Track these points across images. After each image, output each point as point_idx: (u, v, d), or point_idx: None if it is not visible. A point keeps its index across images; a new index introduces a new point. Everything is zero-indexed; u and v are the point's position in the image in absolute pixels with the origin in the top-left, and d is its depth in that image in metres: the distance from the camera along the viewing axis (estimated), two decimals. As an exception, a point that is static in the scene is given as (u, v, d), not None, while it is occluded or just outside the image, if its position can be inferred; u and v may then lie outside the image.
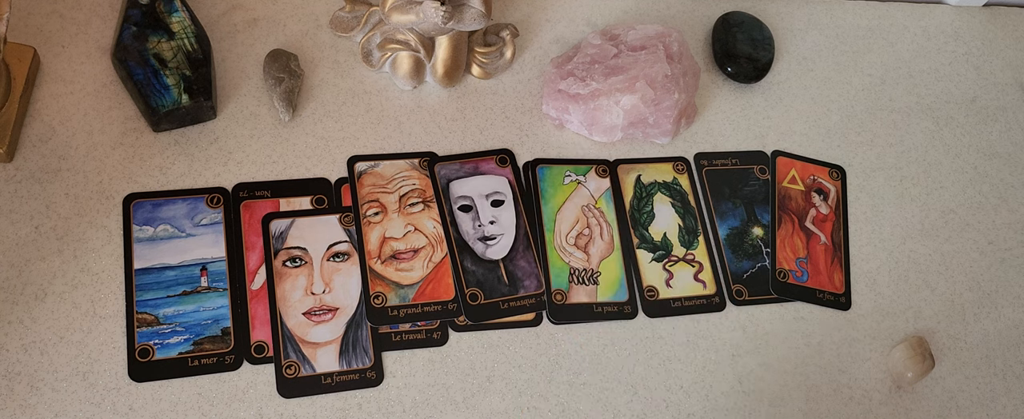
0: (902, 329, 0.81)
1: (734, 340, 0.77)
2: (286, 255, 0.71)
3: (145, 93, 0.71)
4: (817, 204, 0.85)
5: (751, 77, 0.89)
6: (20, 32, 0.74)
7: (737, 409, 0.74)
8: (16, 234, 0.68)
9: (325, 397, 0.67)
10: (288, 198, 0.73)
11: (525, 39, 0.87)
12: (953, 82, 0.97)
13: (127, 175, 0.71)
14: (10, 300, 0.66)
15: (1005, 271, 0.87)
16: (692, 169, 0.84)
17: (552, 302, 0.74)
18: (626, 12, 0.91)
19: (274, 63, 0.77)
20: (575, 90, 0.80)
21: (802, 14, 0.96)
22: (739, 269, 0.80)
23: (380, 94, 0.80)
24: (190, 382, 0.66)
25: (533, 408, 0.71)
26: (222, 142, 0.75)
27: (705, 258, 0.80)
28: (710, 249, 0.80)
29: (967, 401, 0.80)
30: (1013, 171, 0.93)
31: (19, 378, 0.63)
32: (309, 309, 0.70)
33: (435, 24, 0.75)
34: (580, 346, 0.74)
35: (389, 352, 0.70)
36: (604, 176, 0.81)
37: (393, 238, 0.74)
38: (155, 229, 0.70)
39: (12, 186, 0.69)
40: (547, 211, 0.78)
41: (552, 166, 0.81)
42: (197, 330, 0.67)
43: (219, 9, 0.80)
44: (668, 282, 0.78)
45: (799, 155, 0.87)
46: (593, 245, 0.78)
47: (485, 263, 0.74)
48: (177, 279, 0.68)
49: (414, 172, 0.77)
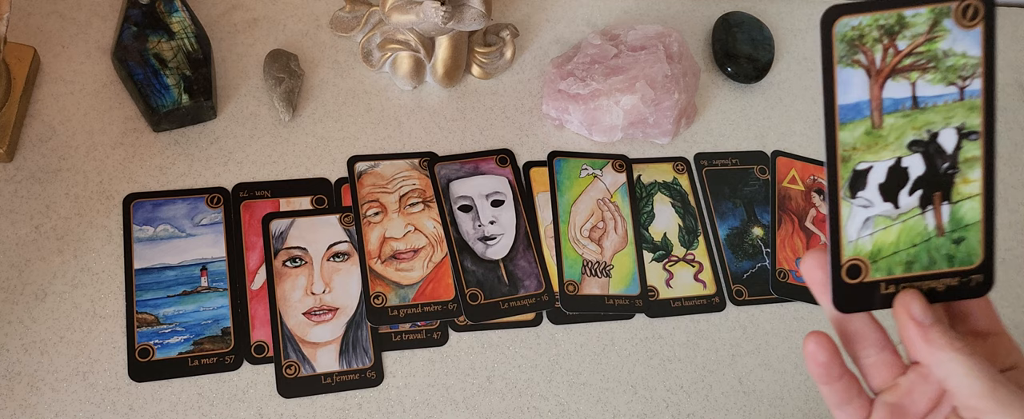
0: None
1: (734, 340, 0.77)
2: (286, 255, 0.71)
3: (145, 93, 0.71)
4: (817, 204, 0.85)
5: (751, 77, 0.89)
6: (20, 32, 0.74)
7: (737, 409, 0.74)
8: (16, 234, 0.68)
9: (325, 397, 0.67)
10: (288, 198, 0.73)
11: (525, 39, 0.87)
12: (953, 82, 0.97)
13: (127, 175, 0.71)
14: (10, 300, 0.66)
15: (1005, 271, 0.87)
16: (692, 169, 0.84)
17: (564, 292, 0.74)
18: (626, 12, 0.91)
19: (274, 63, 0.77)
20: (575, 90, 0.80)
21: (802, 14, 0.96)
22: (739, 269, 0.80)
23: (380, 94, 0.80)
24: (190, 382, 0.66)
25: (533, 408, 0.71)
26: (222, 142, 0.75)
27: (705, 258, 0.80)
28: (710, 249, 0.80)
29: (967, 401, 0.80)
30: (1013, 171, 0.93)
31: (19, 378, 0.63)
32: (309, 309, 0.70)
33: (435, 24, 0.75)
34: (580, 346, 0.74)
35: (389, 352, 0.70)
36: (620, 171, 0.81)
37: (393, 238, 0.74)
38: (155, 229, 0.70)
39: (12, 186, 0.69)
40: (563, 203, 0.78)
41: (569, 159, 0.81)
42: (197, 330, 0.67)
43: (219, 9, 0.80)
44: (668, 282, 0.78)
45: (799, 155, 0.87)
46: (607, 238, 0.78)
47: (485, 263, 0.74)
48: (177, 279, 0.68)
49: (414, 172, 0.77)
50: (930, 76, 0.41)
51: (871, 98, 0.41)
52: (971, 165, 0.42)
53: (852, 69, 0.40)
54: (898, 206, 0.42)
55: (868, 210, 0.42)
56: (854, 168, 0.41)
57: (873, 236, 0.42)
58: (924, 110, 0.41)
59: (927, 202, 0.42)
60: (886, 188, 0.42)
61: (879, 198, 0.42)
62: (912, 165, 0.42)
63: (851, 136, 0.41)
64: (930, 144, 0.41)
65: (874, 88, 0.41)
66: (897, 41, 0.40)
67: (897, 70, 0.41)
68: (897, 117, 0.41)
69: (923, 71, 0.41)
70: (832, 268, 0.42)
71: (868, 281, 0.42)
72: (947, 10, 0.40)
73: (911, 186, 0.42)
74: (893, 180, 0.42)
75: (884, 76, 0.41)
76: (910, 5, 0.40)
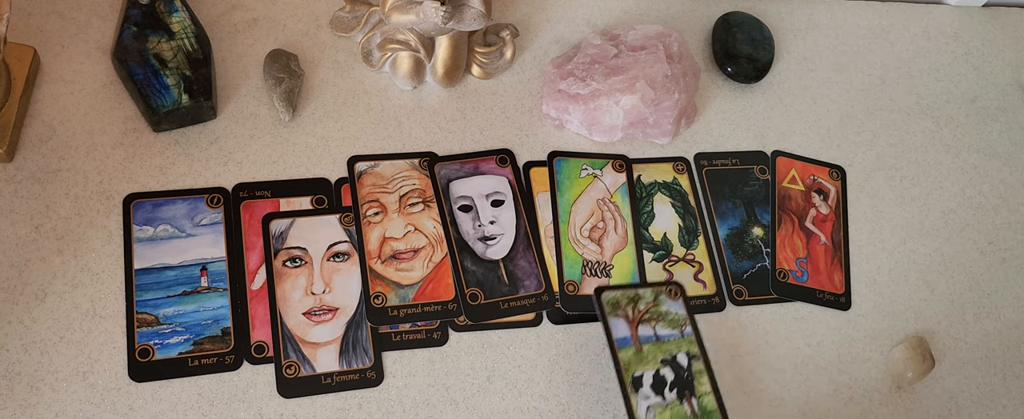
0: (902, 329, 0.81)
1: (734, 340, 0.77)
2: (286, 255, 0.71)
3: (145, 93, 0.71)
4: (817, 204, 0.85)
5: (751, 77, 0.89)
6: (20, 32, 0.74)
7: (737, 409, 0.74)
8: (16, 234, 0.68)
9: (325, 397, 0.67)
10: (288, 198, 0.73)
11: (525, 39, 0.87)
12: (953, 82, 0.97)
13: (127, 175, 0.71)
14: (10, 300, 0.66)
15: (1005, 271, 0.87)
16: (692, 169, 0.84)
17: (564, 292, 0.74)
18: (626, 12, 0.91)
19: (274, 63, 0.77)
20: (575, 90, 0.80)
21: (802, 14, 0.96)
22: (739, 269, 0.80)
23: (380, 94, 0.80)
24: (190, 382, 0.66)
25: (533, 408, 0.71)
26: (222, 142, 0.75)
27: (705, 258, 0.80)
28: (710, 249, 0.80)
29: (967, 401, 0.80)
30: (1013, 171, 0.93)
31: (19, 378, 0.63)
32: (309, 309, 0.70)
33: (435, 24, 0.75)
34: (580, 346, 0.74)
35: (389, 352, 0.70)
36: (620, 171, 0.81)
37: (393, 238, 0.74)
38: (155, 229, 0.70)
39: (12, 186, 0.69)
40: (563, 203, 0.78)
41: (569, 159, 0.81)
42: (197, 330, 0.67)
43: (219, 9, 0.80)
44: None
45: (799, 155, 0.87)
46: (607, 238, 0.78)
47: (485, 263, 0.74)
48: (177, 279, 0.68)
49: (414, 172, 0.77)
50: (662, 324, 0.71)
51: (632, 335, 0.69)
52: (701, 374, 0.69)
53: (617, 318, 0.70)
54: (665, 399, 0.67)
55: (648, 401, 0.67)
56: (632, 374, 0.68)
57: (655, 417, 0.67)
58: (665, 342, 0.70)
59: (681, 396, 0.68)
60: (655, 387, 0.68)
61: (652, 393, 0.67)
62: (667, 374, 0.68)
63: (626, 356, 0.68)
64: (673, 362, 0.69)
65: (632, 329, 0.70)
66: (638, 305, 0.71)
67: (643, 320, 0.70)
68: (649, 346, 0.69)
69: (657, 321, 0.71)
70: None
71: None
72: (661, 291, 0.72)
73: (669, 386, 0.68)
74: (657, 382, 0.68)
75: (635, 323, 0.70)
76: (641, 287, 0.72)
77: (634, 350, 0.68)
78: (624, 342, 0.68)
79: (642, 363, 0.68)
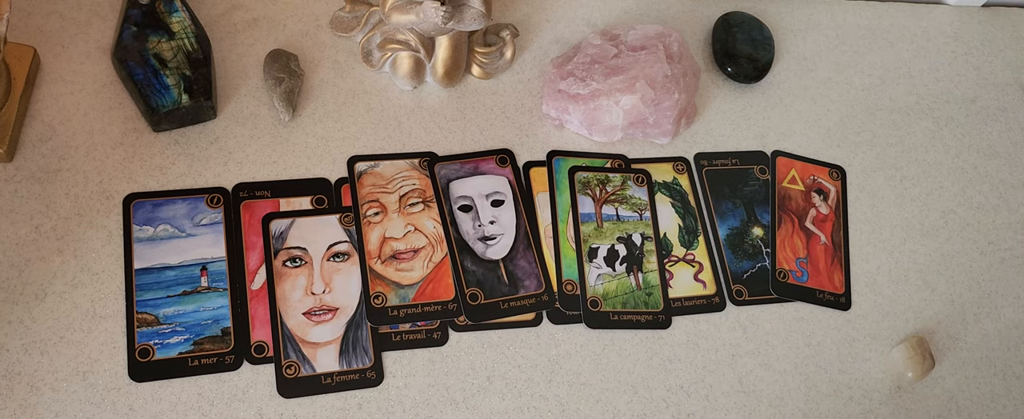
0: (902, 329, 0.81)
1: (734, 340, 0.77)
2: (286, 255, 0.71)
3: (145, 93, 0.71)
4: (817, 204, 0.85)
5: (751, 77, 0.89)
6: (20, 32, 0.74)
7: (737, 409, 0.74)
8: (16, 234, 0.68)
9: (325, 397, 0.67)
10: (288, 198, 0.74)
11: (525, 39, 0.87)
12: (953, 82, 0.97)
13: (127, 175, 0.71)
14: (10, 300, 0.66)
15: (1005, 271, 0.87)
16: (692, 169, 0.84)
17: (563, 292, 0.74)
18: (626, 12, 0.91)
19: (274, 63, 0.77)
20: (575, 90, 0.80)
21: (802, 14, 0.96)
22: (739, 269, 0.80)
23: (380, 94, 0.80)
24: (190, 382, 0.66)
25: (533, 408, 0.71)
26: (222, 142, 0.75)
27: (705, 258, 0.80)
28: (710, 249, 0.80)
29: (967, 401, 0.80)
30: (1013, 171, 0.93)
31: (19, 378, 0.63)
32: (309, 309, 0.70)
33: (435, 24, 0.75)
34: (580, 346, 0.74)
35: (389, 352, 0.70)
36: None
37: (393, 238, 0.74)
38: (155, 229, 0.70)
39: (12, 186, 0.69)
40: (560, 202, 0.78)
41: (567, 158, 0.81)
42: (197, 330, 0.67)
43: (219, 9, 0.80)
44: (668, 282, 0.78)
45: (799, 155, 0.87)
46: None
47: (485, 263, 0.74)
48: (177, 279, 0.68)
49: (414, 172, 0.77)
50: (625, 206, 0.77)
51: (596, 212, 0.76)
52: (651, 254, 0.76)
53: (584, 196, 0.77)
54: (615, 271, 0.75)
55: (599, 270, 0.75)
56: (590, 246, 0.75)
57: (603, 285, 0.74)
58: (624, 222, 0.77)
59: (630, 270, 0.75)
60: (607, 259, 0.75)
61: (604, 264, 0.75)
62: (620, 249, 0.76)
63: (586, 229, 0.75)
64: (628, 240, 0.76)
65: (597, 207, 0.76)
66: (607, 186, 0.77)
67: (608, 200, 0.77)
68: (609, 224, 0.76)
69: (620, 202, 0.78)
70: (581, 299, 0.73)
71: (603, 310, 0.73)
72: (627, 177, 0.78)
73: (620, 260, 0.75)
74: (610, 256, 0.75)
75: (601, 202, 0.77)
76: (612, 172, 0.78)
77: (595, 225, 0.75)
78: (588, 217, 0.76)
79: (600, 237, 0.75)
